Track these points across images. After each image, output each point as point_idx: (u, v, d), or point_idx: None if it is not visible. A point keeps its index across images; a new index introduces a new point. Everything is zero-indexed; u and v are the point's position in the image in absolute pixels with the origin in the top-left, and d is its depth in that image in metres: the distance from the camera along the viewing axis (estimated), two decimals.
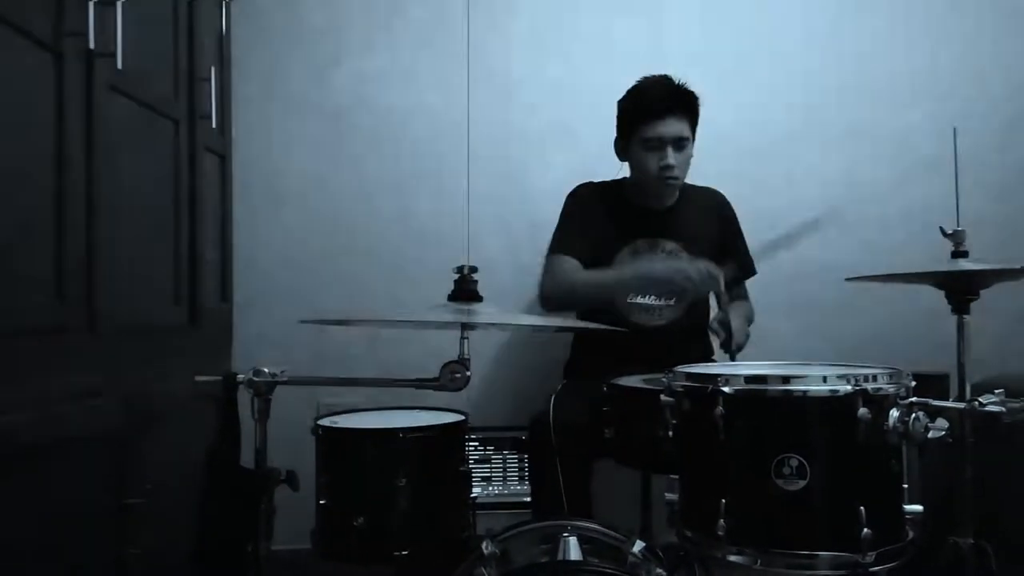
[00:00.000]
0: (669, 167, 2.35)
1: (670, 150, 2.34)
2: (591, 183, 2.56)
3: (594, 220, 2.48)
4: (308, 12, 2.98)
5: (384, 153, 2.99)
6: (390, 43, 3.00)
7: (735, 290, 2.54)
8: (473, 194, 3.00)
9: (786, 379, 1.43)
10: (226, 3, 2.78)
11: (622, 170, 2.53)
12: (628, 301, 2.43)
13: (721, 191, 2.64)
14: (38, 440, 1.55)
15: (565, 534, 1.61)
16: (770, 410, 1.44)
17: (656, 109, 2.34)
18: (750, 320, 2.49)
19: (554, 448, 2.03)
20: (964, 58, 3.09)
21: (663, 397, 1.58)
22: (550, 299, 2.41)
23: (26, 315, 1.57)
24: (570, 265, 2.40)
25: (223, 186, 2.77)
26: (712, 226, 2.56)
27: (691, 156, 2.42)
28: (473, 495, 1.90)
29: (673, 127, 2.34)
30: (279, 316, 2.86)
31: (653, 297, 2.43)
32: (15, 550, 1.49)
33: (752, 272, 2.63)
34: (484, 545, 1.60)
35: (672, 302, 2.45)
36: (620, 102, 2.45)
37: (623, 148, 2.46)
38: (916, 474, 1.52)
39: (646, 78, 2.42)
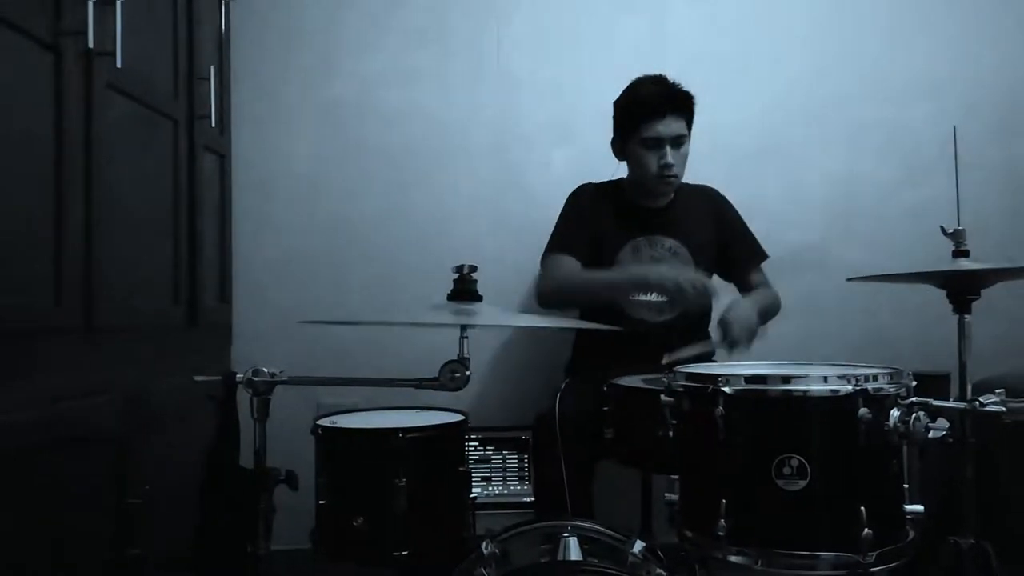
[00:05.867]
0: (668, 165, 2.37)
1: (668, 148, 2.36)
2: (591, 184, 2.59)
3: (595, 219, 2.50)
4: (307, 11, 2.98)
5: (384, 152, 2.98)
6: (390, 42, 2.99)
7: (753, 278, 2.56)
8: (473, 193, 2.99)
9: (786, 379, 1.43)
10: (226, 2, 2.78)
11: (618, 170, 2.55)
12: (631, 298, 2.43)
13: (721, 190, 2.65)
14: (37, 440, 1.55)
15: (565, 534, 1.61)
16: (770, 410, 1.44)
17: (655, 109, 2.36)
18: (773, 310, 2.49)
19: (559, 447, 2.03)
20: (964, 57, 3.09)
21: (663, 397, 1.58)
22: (543, 295, 2.47)
23: (24, 314, 1.57)
24: (567, 263, 2.44)
25: (222, 185, 2.77)
26: (709, 222, 2.57)
27: (688, 154, 2.43)
28: (473, 495, 1.89)
29: (671, 126, 2.36)
30: (278, 316, 2.86)
31: (656, 294, 2.43)
32: (14, 549, 1.49)
33: (763, 256, 2.62)
34: (484, 545, 1.60)
35: None
36: (617, 102, 2.47)
37: (621, 147, 2.47)
38: (917, 474, 1.52)
39: (641, 78, 2.44)
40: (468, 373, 1.66)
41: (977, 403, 1.47)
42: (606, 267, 2.44)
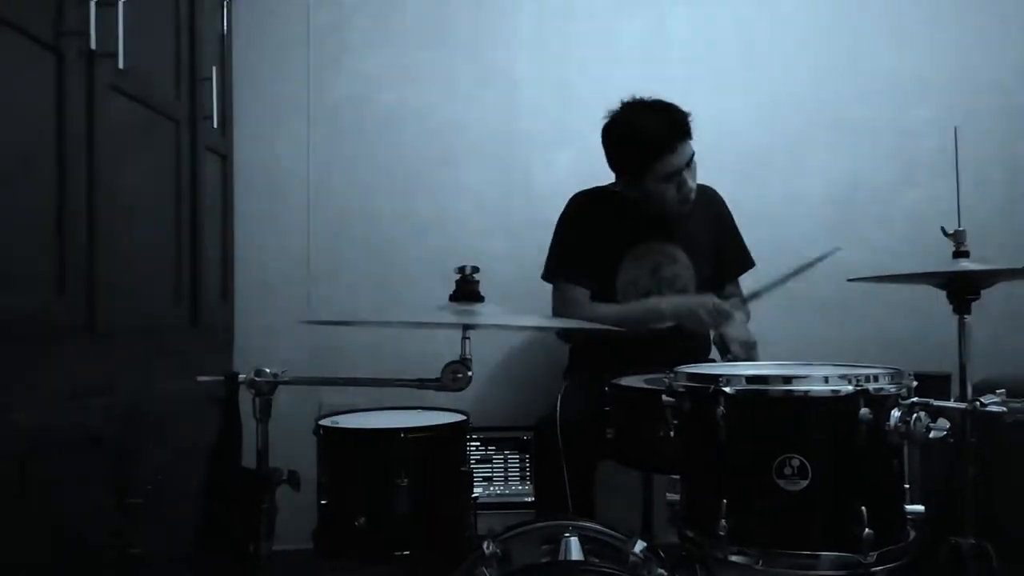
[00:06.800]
0: (690, 189, 2.35)
1: (685, 174, 2.33)
2: (584, 193, 2.54)
3: (594, 231, 2.47)
4: (309, 12, 2.98)
5: (385, 153, 2.99)
6: (392, 42, 3.00)
7: (729, 288, 2.57)
8: (475, 194, 3.00)
9: (787, 379, 1.43)
10: (227, 3, 2.79)
11: None
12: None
13: (722, 191, 2.63)
14: (38, 440, 1.55)
15: (566, 534, 1.61)
16: (771, 410, 1.44)
17: (667, 145, 2.29)
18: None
19: (560, 448, 2.03)
20: (965, 58, 3.09)
21: (664, 397, 1.58)
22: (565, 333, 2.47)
23: (27, 314, 1.57)
24: (580, 296, 2.44)
25: (224, 186, 2.77)
26: (708, 224, 2.56)
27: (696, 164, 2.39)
28: (474, 495, 1.90)
29: (684, 154, 2.31)
30: (280, 316, 2.87)
31: (655, 297, 2.43)
32: (16, 549, 1.49)
33: (750, 265, 2.61)
34: (485, 545, 1.60)
35: None
36: (614, 141, 2.39)
37: (630, 183, 2.40)
38: (917, 474, 1.52)
39: (634, 108, 2.35)
40: (470, 374, 1.66)
41: (978, 403, 1.47)
42: (607, 278, 2.44)
